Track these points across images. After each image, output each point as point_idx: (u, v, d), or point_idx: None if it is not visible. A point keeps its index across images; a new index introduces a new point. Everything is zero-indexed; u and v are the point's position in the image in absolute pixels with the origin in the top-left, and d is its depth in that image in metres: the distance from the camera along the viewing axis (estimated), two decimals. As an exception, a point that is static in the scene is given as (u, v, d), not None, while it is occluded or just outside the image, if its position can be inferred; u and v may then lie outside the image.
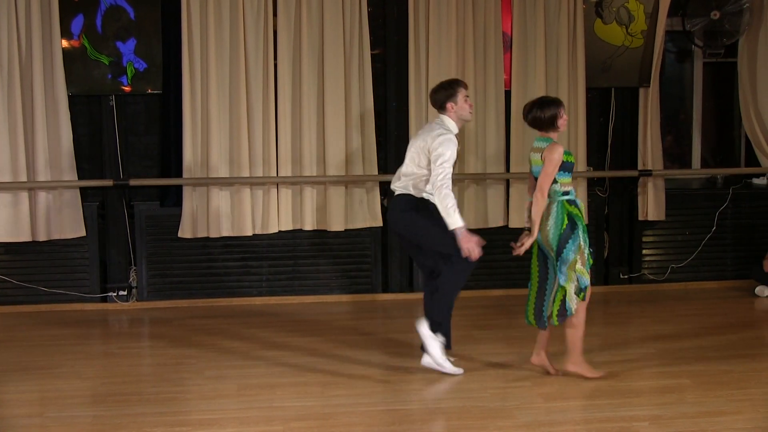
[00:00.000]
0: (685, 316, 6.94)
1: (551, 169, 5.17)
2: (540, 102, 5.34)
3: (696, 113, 8.27)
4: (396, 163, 7.40)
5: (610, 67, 7.62)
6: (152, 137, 7.32)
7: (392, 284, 7.57)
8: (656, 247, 7.97)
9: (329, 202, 7.24)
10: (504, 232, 7.47)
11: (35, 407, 4.97)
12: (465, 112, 5.49)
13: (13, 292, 7.15)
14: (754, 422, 4.64)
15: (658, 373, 5.53)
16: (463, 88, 5.51)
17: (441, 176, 5.27)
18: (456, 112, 5.47)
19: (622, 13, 7.56)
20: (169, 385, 5.30)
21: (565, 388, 5.21)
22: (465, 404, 4.94)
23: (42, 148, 6.88)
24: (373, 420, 4.73)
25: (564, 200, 5.23)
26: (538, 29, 7.37)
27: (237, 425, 4.64)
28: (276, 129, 7.17)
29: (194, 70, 7.00)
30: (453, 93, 5.46)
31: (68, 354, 5.99)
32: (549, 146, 5.23)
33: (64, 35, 6.92)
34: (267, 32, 7.08)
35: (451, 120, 5.47)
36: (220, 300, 7.36)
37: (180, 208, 7.17)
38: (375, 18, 7.40)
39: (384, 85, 7.46)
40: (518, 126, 7.41)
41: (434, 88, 5.60)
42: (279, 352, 5.95)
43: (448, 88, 5.48)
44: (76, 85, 7.00)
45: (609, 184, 7.84)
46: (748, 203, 8.03)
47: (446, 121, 5.48)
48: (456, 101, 5.46)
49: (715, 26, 7.70)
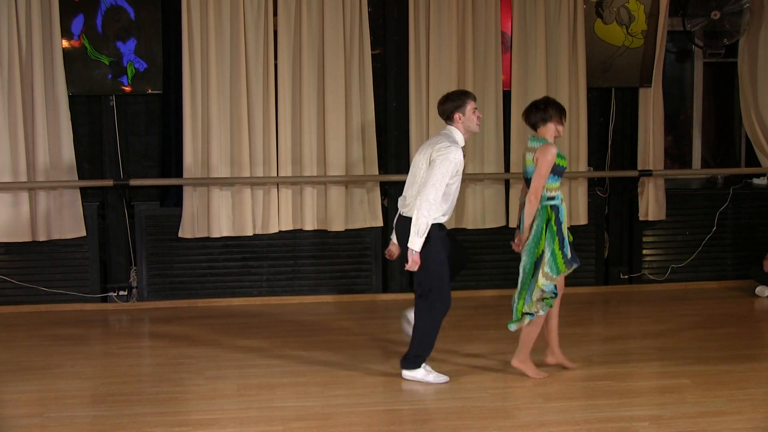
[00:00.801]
0: (685, 316, 6.94)
1: (545, 170, 5.15)
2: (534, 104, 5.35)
3: (696, 113, 8.27)
4: (396, 163, 7.44)
5: (610, 68, 7.62)
6: (152, 137, 7.32)
7: (392, 284, 7.57)
8: (656, 247, 7.97)
9: (329, 202, 7.24)
10: (503, 232, 7.49)
11: (35, 407, 4.97)
12: (473, 124, 5.32)
13: (13, 292, 7.15)
14: (754, 422, 4.64)
15: (658, 373, 5.54)
16: (472, 99, 5.33)
17: (430, 196, 5.10)
18: (464, 123, 5.30)
19: (623, 14, 7.56)
20: (169, 385, 5.30)
21: (565, 388, 5.21)
22: (465, 404, 4.94)
23: (42, 148, 6.88)
24: (373, 420, 4.73)
25: (547, 206, 5.22)
26: (539, 29, 7.37)
27: (237, 425, 4.64)
28: (276, 129, 7.17)
29: (194, 70, 7.00)
30: (462, 104, 5.29)
31: (68, 354, 5.99)
32: (542, 147, 5.21)
33: (65, 35, 6.92)
34: (267, 32, 7.09)
35: (459, 131, 5.32)
36: (220, 300, 7.36)
37: (180, 208, 7.17)
38: (375, 18, 7.40)
39: (384, 85, 7.46)
40: (518, 126, 7.41)
41: (442, 98, 5.43)
42: (279, 352, 5.95)
43: (457, 99, 5.32)
44: (77, 85, 7.01)
45: (609, 184, 7.84)
46: (749, 203, 8.03)
47: (453, 132, 5.31)
48: (464, 112, 5.30)
49: (715, 26, 7.70)
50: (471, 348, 5.98)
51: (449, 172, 5.16)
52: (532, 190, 5.17)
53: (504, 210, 7.52)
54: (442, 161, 5.14)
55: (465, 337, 6.23)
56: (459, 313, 6.39)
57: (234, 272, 7.40)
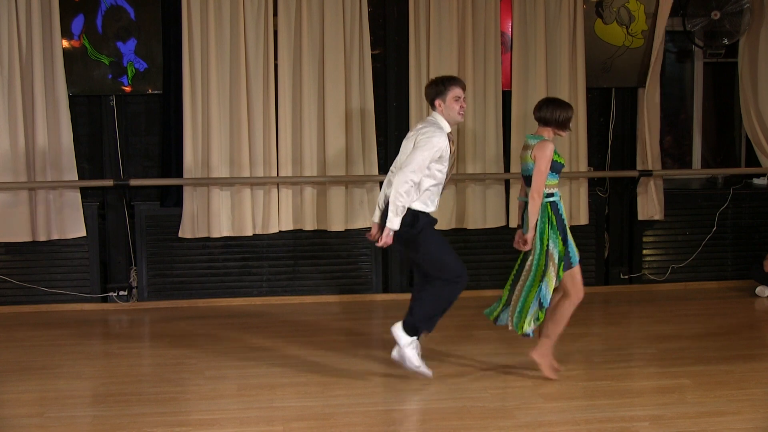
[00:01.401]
0: (685, 316, 6.94)
1: (544, 166, 5.15)
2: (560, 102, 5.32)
3: (696, 113, 8.27)
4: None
5: (610, 68, 7.62)
6: (152, 137, 7.32)
7: (392, 284, 7.57)
8: (656, 247, 7.97)
9: (329, 202, 7.24)
10: (504, 232, 7.48)
11: (35, 407, 4.96)
12: (454, 113, 5.20)
13: (13, 292, 7.15)
14: (754, 422, 4.64)
15: (658, 373, 5.54)
16: (457, 87, 5.20)
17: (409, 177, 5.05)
18: (444, 111, 5.22)
19: (623, 14, 7.56)
20: (169, 385, 5.30)
21: (565, 388, 5.21)
22: (465, 404, 4.94)
23: (42, 148, 6.88)
24: (373, 420, 4.73)
25: (547, 203, 5.22)
26: (539, 29, 7.37)
27: (237, 425, 4.64)
28: (276, 129, 7.17)
29: (194, 70, 7.00)
30: (442, 90, 5.19)
31: (68, 354, 5.99)
32: (539, 144, 5.20)
33: (65, 35, 6.92)
34: (267, 32, 7.09)
35: (442, 117, 5.23)
36: (220, 300, 7.36)
37: (180, 208, 7.17)
38: (375, 18, 7.40)
39: (384, 85, 7.46)
40: (518, 126, 7.41)
41: (429, 82, 5.40)
42: (279, 352, 5.95)
43: (440, 85, 5.22)
44: (77, 85, 7.01)
45: (609, 184, 7.84)
46: (749, 203, 8.03)
47: (437, 118, 5.24)
48: (444, 99, 5.19)
49: (715, 26, 7.70)
50: (471, 348, 5.98)
51: (431, 155, 5.09)
52: (534, 187, 5.17)
53: (504, 210, 7.52)
54: (424, 144, 5.09)
55: (465, 337, 6.23)
56: (459, 313, 6.39)
57: (234, 272, 7.40)
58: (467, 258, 7.60)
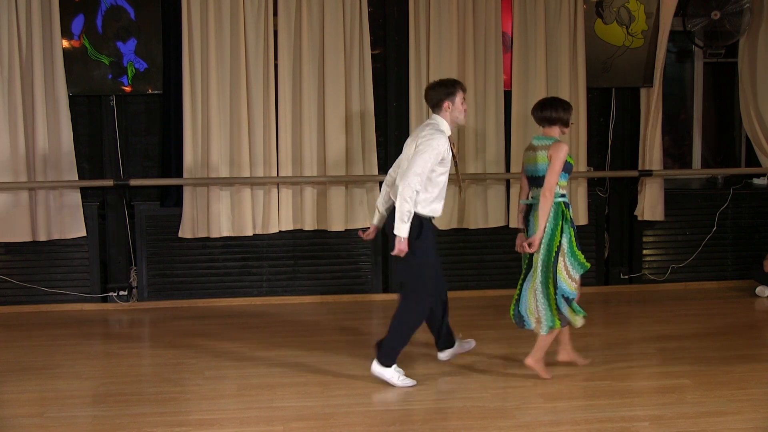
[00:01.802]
0: (685, 316, 6.94)
1: (558, 166, 5.16)
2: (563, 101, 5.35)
3: (696, 113, 8.27)
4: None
5: (610, 68, 7.62)
6: (152, 137, 7.33)
7: (392, 284, 7.56)
8: (656, 247, 7.97)
9: (329, 202, 7.25)
10: (504, 232, 7.49)
11: (35, 407, 4.97)
12: (460, 115, 5.27)
13: (13, 292, 7.15)
14: (754, 422, 4.64)
15: (658, 373, 5.54)
16: (462, 90, 5.27)
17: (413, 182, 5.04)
18: (451, 113, 5.24)
19: (623, 13, 7.56)
20: (169, 385, 5.30)
21: (565, 388, 5.21)
22: (465, 404, 4.94)
23: (42, 148, 6.88)
24: (373, 420, 4.73)
25: (560, 202, 5.22)
26: (539, 29, 7.37)
27: (237, 425, 4.64)
28: (276, 129, 7.17)
29: (194, 71, 7.00)
30: (453, 92, 5.22)
31: (68, 354, 5.99)
32: (555, 144, 5.21)
33: (65, 35, 6.92)
34: (267, 32, 7.09)
35: (445, 121, 5.24)
36: (220, 300, 7.36)
37: (180, 208, 7.17)
38: (375, 18, 7.41)
39: (384, 85, 7.46)
40: (518, 126, 7.41)
41: (432, 84, 5.35)
42: (279, 352, 5.94)
43: (449, 86, 5.24)
44: (77, 85, 7.01)
45: (609, 184, 7.84)
46: (749, 203, 8.03)
47: (439, 121, 5.24)
48: (453, 101, 5.23)
49: (715, 26, 7.70)
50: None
51: (432, 159, 5.10)
52: (547, 186, 5.16)
53: (505, 210, 7.52)
54: (426, 148, 5.10)
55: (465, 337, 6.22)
56: (460, 313, 6.39)
57: (234, 272, 7.40)
58: (468, 258, 7.63)
